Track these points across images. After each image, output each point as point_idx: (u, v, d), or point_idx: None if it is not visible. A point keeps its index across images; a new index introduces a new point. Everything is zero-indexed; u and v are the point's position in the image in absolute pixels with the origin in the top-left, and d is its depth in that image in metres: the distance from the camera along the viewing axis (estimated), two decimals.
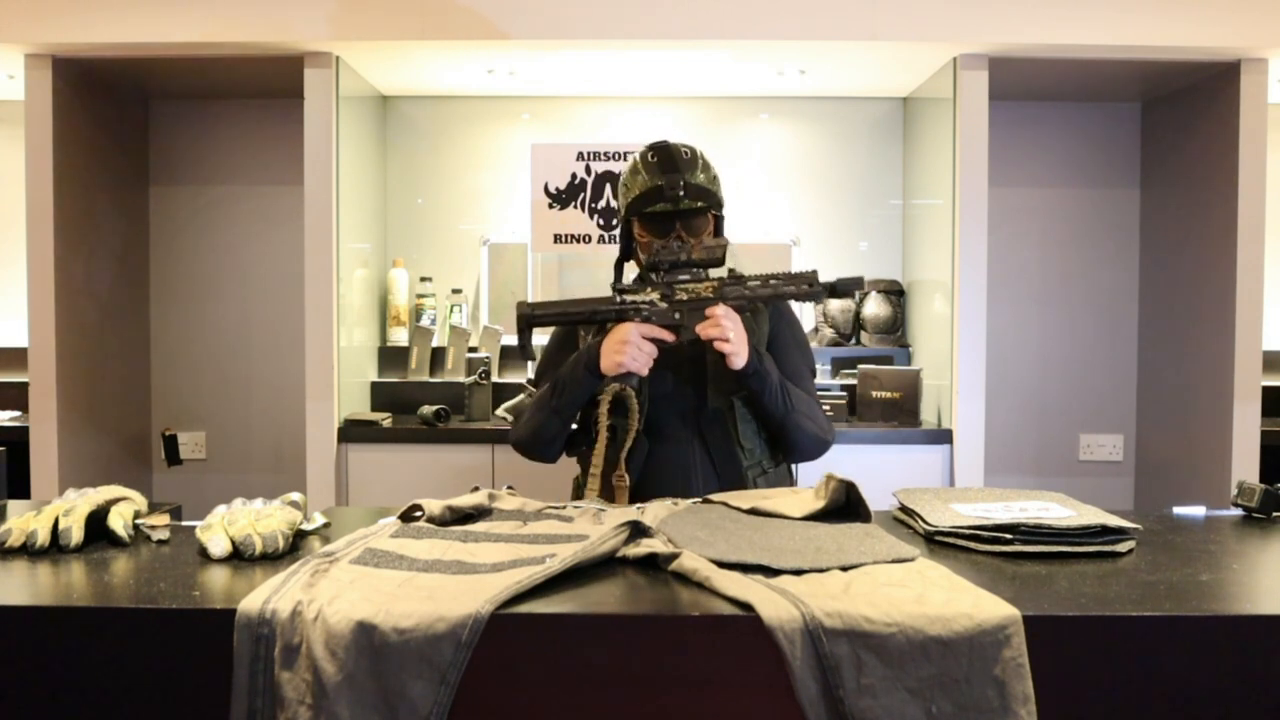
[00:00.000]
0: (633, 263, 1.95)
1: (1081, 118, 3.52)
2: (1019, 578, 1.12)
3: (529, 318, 1.79)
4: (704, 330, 1.71)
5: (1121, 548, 1.24)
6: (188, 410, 3.54)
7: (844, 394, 3.10)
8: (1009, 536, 1.25)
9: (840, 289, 1.78)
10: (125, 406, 3.38)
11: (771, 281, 1.74)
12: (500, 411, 3.05)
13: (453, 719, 0.94)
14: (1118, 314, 3.55)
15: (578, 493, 1.99)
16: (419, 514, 1.34)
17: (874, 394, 3.05)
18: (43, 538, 1.23)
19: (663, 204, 1.80)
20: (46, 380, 2.92)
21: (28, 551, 1.23)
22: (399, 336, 3.45)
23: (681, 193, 1.79)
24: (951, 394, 2.94)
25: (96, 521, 1.29)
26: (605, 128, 3.51)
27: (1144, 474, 3.51)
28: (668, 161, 1.83)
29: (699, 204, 1.81)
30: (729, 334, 1.70)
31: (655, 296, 1.75)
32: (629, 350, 1.70)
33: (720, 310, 1.72)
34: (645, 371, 1.72)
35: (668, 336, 1.73)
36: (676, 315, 1.74)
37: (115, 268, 3.31)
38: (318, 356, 2.95)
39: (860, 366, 3.11)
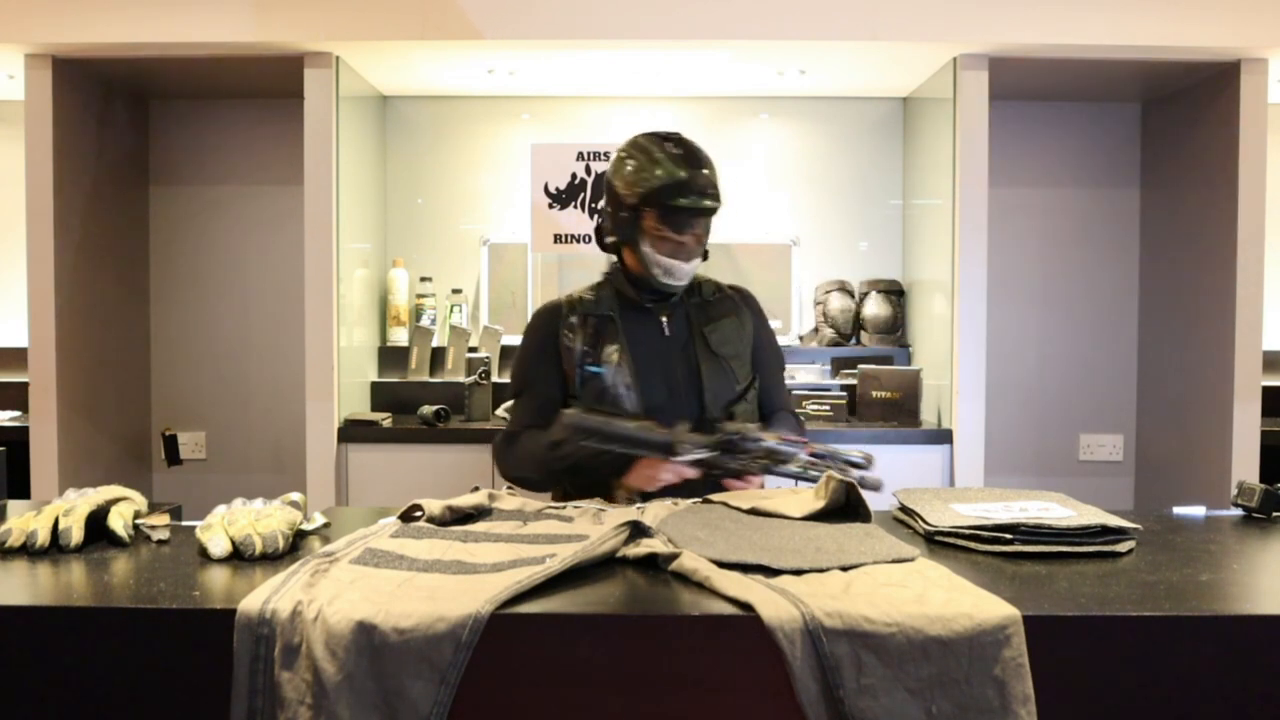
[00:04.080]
0: (624, 254, 1.90)
1: (1081, 118, 3.52)
2: (1019, 578, 1.12)
3: (579, 430, 1.65)
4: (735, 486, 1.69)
5: (1121, 548, 1.24)
6: (188, 410, 3.54)
7: (844, 394, 3.10)
8: (1009, 536, 1.25)
9: (867, 483, 1.65)
10: (125, 406, 3.38)
11: (811, 471, 1.65)
12: (500, 411, 3.05)
13: (453, 719, 0.94)
14: (1118, 314, 3.55)
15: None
16: (419, 514, 1.34)
17: (874, 394, 3.05)
18: (43, 538, 1.23)
19: (685, 199, 1.78)
20: (46, 380, 2.92)
21: (28, 551, 1.23)
22: (399, 336, 3.45)
23: (708, 189, 1.80)
24: (951, 394, 2.94)
25: (96, 521, 1.29)
26: (605, 128, 3.51)
27: (1144, 474, 3.51)
28: (692, 156, 1.82)
29: (717, 204, 1.82)
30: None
31: (715, 455, 1.66)
32: (657, 484, 1.67)
33: (755, 482, 1.71)
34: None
35: (693, 475, 1.67)
36: (715, 471, 1.68)
37: (115, 267, 3.31)
38: (318, 356, 2.95)
39: (860, 366, 3.11)
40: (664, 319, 1.91)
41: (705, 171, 1.81)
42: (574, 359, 1.85)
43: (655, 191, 1.79)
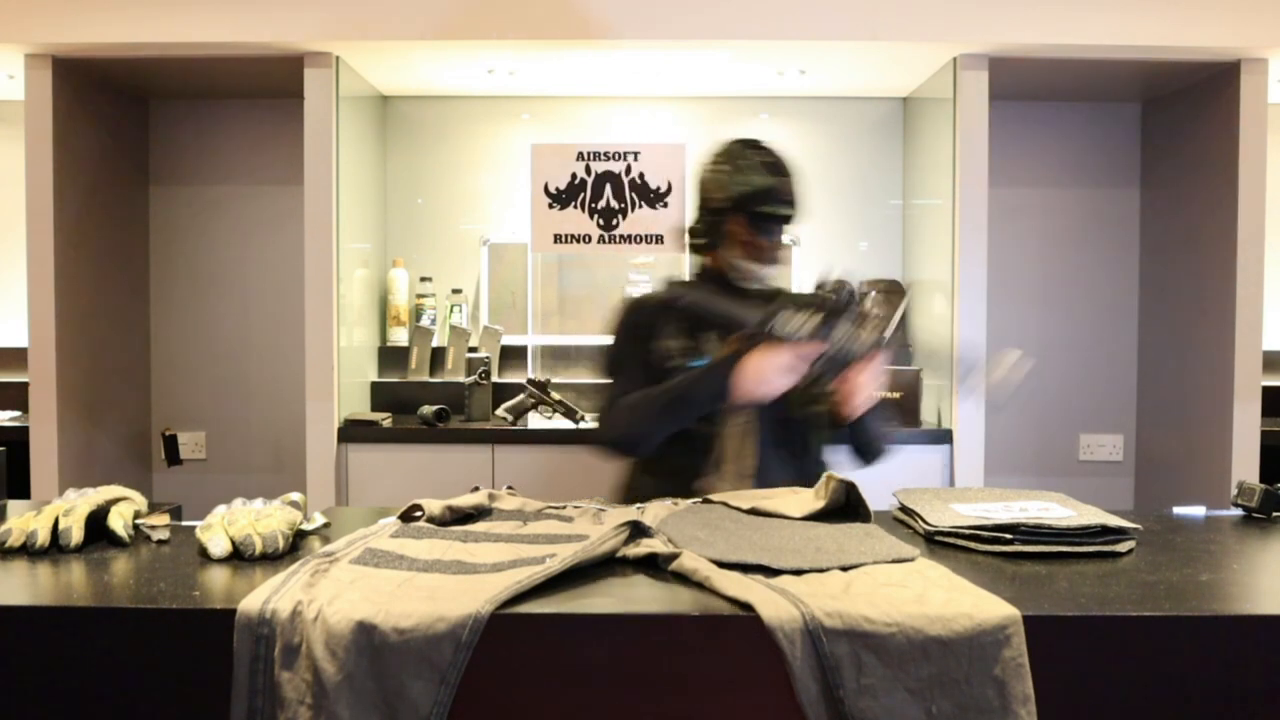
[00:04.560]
0: (709, 256, 1.94)
1: (1081, 118, 3.51)
2: (1019, 578, 1.12)
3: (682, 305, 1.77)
4: (852, 384, 1.70)
5: (1121, 548, 1.24)
6: (188, 410, 3.54)
7: None
8: (1009, 536, 1.25)
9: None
10: (125, 406, 3.38)
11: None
12: (500, 411, 3.05)
13: (453, 719, 0.94)
14: (1118, 314, 3.55)
15: (626, 494, 1.97)
16: (419, 514, 1.34)
17: None
18: (43, 538, 1.23)
19: (769, 206, 1.86)
20: (46, 380, 2.92)
21: (28, 551, 1.23)
22: (399, 336, 3.46)
23: (791, 197, 1.89)
24: (951, 394, 2.94)
25: (96, 521, 1.29)
26: (605, 128, 3.51)
27: (1144, 474, 3.51)
28: (778, 164, 1.90)
29: (797, 212, 1.90)
30: (861, 398, 1.72)
31: (824, 319, 1.67)
32: (770, 385, 1.65)
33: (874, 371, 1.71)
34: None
35: (812, 354, 1.66)
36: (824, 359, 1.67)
37: (115, 267, 3.31)
38: (318, 356, 2.95)
39: None
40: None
41: (789, 179, 1.89)
42: (663, 350, 1.87)
43: (742, 198, 1.86)
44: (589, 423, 3.00)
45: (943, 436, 2.94)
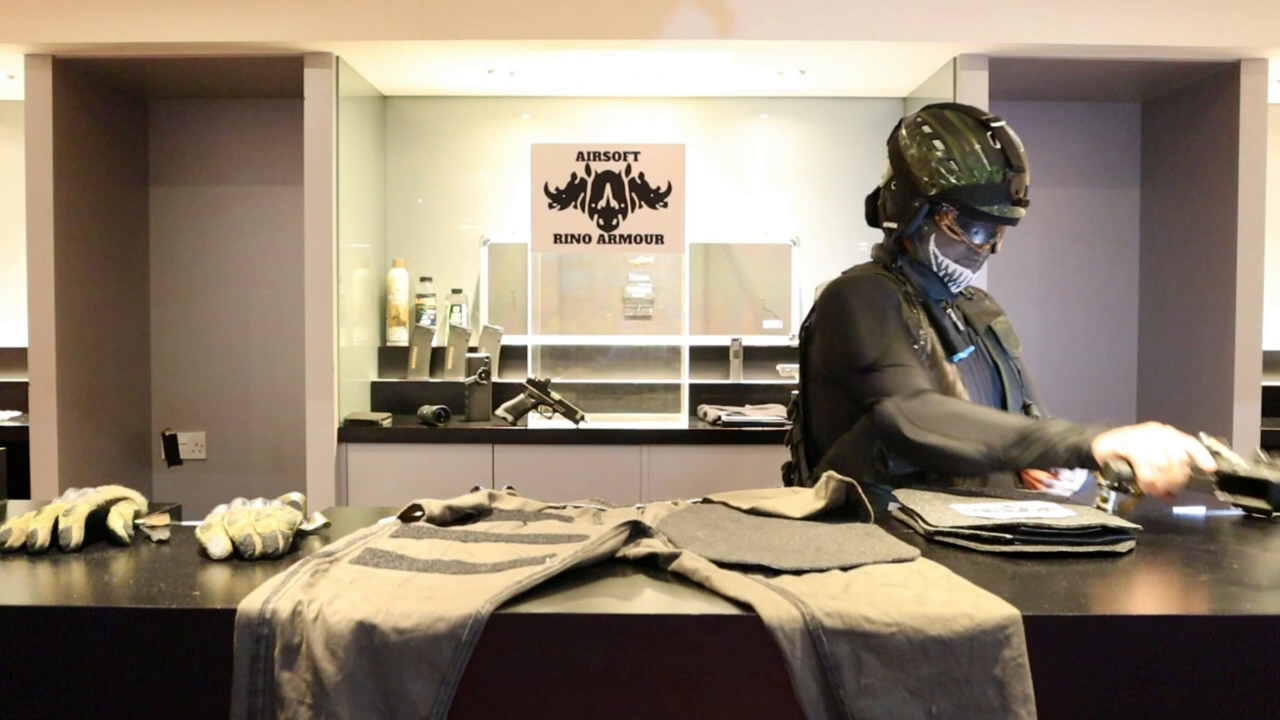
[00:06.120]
0: (905, 244, 1.71)
1: (1081, 118, 3.52)
2: (1019, 578, 1.12)
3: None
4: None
5: (1121, 548, 1.24)
6: (188, 410, 3.54)
7: None
8: (1009, 536, 1.25)
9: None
10: (125, 406, 3.38)
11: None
12: (500, 411, 3.05)
13: (453, 719, 0.94)
14: (1118, 314, 3.55)
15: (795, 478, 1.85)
16: (419, 514, 1.34)
17: None
18: (43, 538, 1.23)
19: (997, 206, 1.57)
20: (46, 380, 2.92)
21: (28, 551, 1.23)
22: (399, 336, 3.46)
23: (1023, 195, 1.59)
24: None
25: (96, 521, 1.29)
26: (605, 128, 3.51)
27: None
28: (1014, 153, 1.58)
29: (1025, 212, 1.61)
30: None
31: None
32: (1176, 479, 1.37)
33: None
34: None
35: (1205, 472, 1.38)
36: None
37: (115, 268, 3.31)
38: (318, 356, 2.95)
39: None
40: (949, 314, 1.74)
41: (1025, 174, 1.59)
42: (912, 334, 1.62)
43: (964, 190, 1.58)
44: (588, 423, 3.00)
45: None
